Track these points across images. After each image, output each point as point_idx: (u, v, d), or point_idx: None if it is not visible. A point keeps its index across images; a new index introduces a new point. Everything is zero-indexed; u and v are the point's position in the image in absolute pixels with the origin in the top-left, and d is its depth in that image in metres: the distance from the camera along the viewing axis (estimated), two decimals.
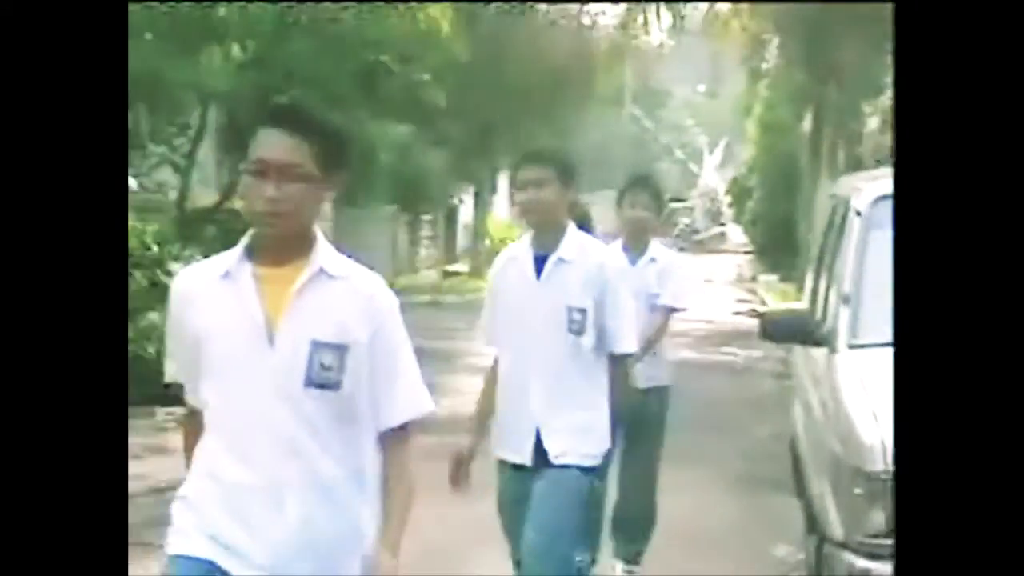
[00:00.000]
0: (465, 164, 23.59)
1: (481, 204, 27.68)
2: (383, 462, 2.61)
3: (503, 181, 30.24)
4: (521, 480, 4.10)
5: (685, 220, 41.86)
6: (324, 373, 2.51)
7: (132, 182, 11.91)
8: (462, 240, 29.07)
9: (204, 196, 12.80)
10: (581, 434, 4.07)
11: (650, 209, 5.58)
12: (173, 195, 12.65)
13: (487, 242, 26.56)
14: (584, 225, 4.52)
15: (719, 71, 41.25)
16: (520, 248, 4.22)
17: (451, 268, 26.11)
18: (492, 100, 20.72)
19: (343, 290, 2.56)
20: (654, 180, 5.89)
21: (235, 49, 11.50)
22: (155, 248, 10.97)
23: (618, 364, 4.18)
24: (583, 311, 4.01)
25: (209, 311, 2.54)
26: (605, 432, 4.15)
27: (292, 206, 2.49)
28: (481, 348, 4.48)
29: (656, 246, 5.65)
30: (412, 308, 11.28)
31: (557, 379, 4.05)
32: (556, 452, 4.03)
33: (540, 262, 4.08)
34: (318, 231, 2.62)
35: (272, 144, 2.50)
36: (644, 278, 5.46)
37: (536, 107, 22.51)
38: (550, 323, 4.04)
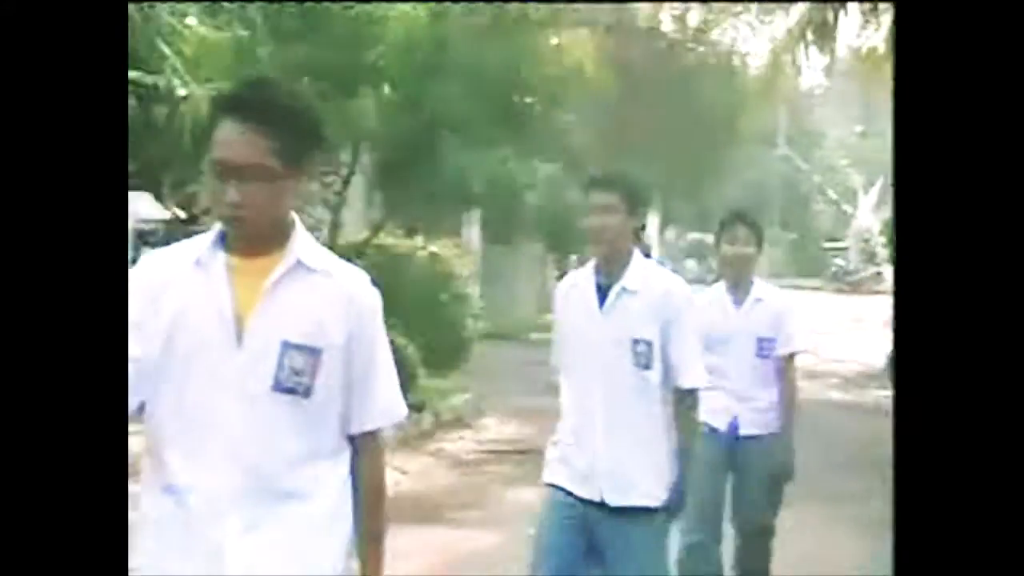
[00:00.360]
0: None
1: None
2: (353, 466, 2.41)
3: (651, 221, 30.07)
4: (574, 510, 3.90)
5: (839, 261, 41.07)
6: (294, 377, 2.29)
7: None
8: None
9: (354, 231, 13.09)
10: (645, 473, 3.88)
11: (750, 244, 5.29)
12: (325, 231, 12.94)
13: None
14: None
15: (873, 111, 40.21)
16: (583, 275, 4.04)
17: None
18: (640, 138, 20.59)
19: (321, 286, 2.34)
20: (751, 214, 5.64)
21: (386, 90, 11.71)
22: None
23: (683, 399, 3.98)
24: (649, 343, 3.81)
25: (177, 302, 2.30)
26: (667, 471, 3.94)
27: (255, 209, 2.27)
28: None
29: (761, 285, 5.37)
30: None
31: (622, 414, 3.85)
32: (619, 491, 3.84)
33: (603, 291, 3.90)
34: (296, 220, 2.38)
35: (229, 143, 2.27)
36: (751, 320, 5.18)
37: (685, 147, 22.33)
38: (614, 356, 3.85)
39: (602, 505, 3.86)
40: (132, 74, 9.70)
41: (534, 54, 12.80)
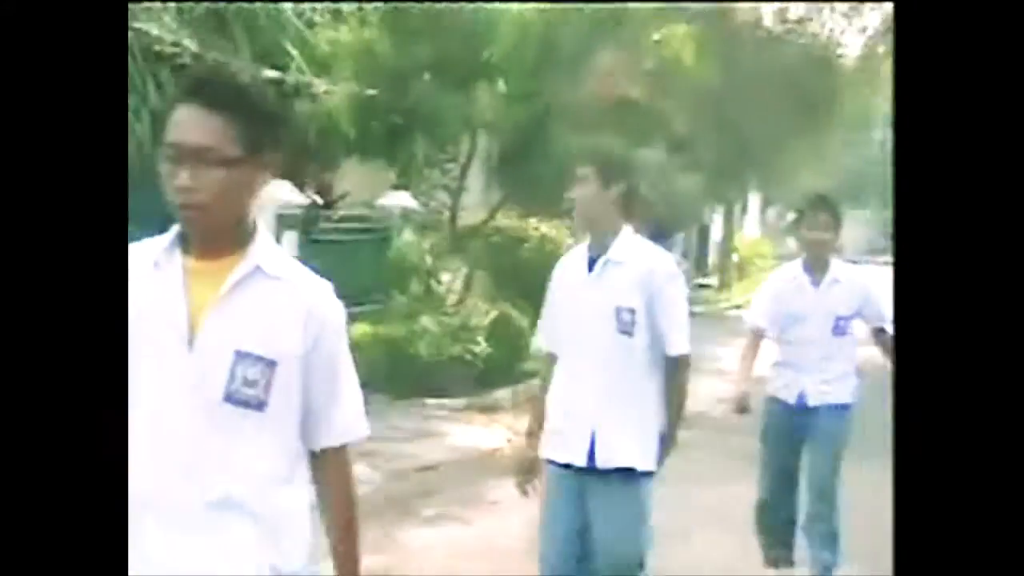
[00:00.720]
0: (716, 186, 23.94)
1: (730, 222, 28.06)
2: (318, 485, 2.27)
3: (752, 201, 30.35)
4: (570, 479, 3.92)
5: None
6: (246, 389, 2.10)
7: (414, 202, 13.12)
8: (712, 256, 29.40)
9: (473, 215, 13.79)
10: (635, 436, 3.88)
11: (829, 229, 5.41)
12: (447, 214, 13.77)
13: (735, 257, 27.10)
14: (662, 231, 4.40)
15: None
16: (578, 249, 4.07)
17: (702, 281, 26.63)
18: (742, 125, 21.01)
19: (280, 293, 2.15)
20: (831, 200, 5.70)
21: (501, 84, 12.39)
22: (429, 260, 12.05)
23: (673, 366, 3.96)
24: (632, 311, 3.82)
25: (133, 305, 2.11)
26: (655, 439, 3.94)
27: (209, 195, 2.08)
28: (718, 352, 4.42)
29: (837, 265, 5.48)
30: None
31: (609, 379, 3.87)
32: (609, 454, 3.85)
33: (592, 263, 3.91)
34: (259, 223, 2.22)
35: (186, 124, 2.09)
36: (828, 299, 5.35)
37: (785, 131, 22.61)
38: (599, 322, 3.86)
39: (591, 469, 3.86)
40: (271, 73, 10.52)
41: (636, 48, 13.44)
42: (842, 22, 23.23)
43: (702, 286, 25.95)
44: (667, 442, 4.01)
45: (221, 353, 2.11)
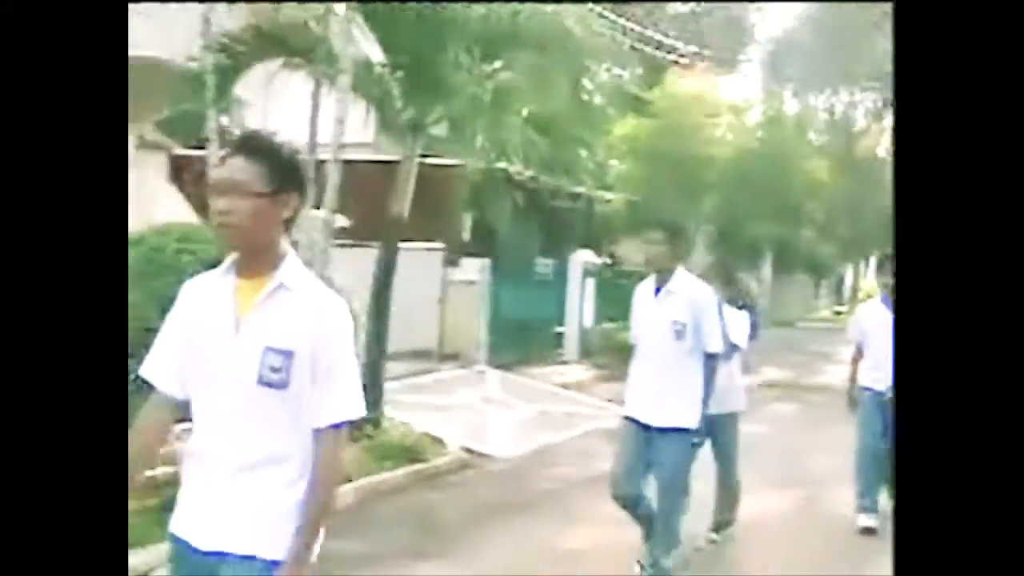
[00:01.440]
0: (846, 251, 35.03)
1: (856, 271, 40.63)
2: (314, 461, 2.69)
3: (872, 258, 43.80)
4: (640, 432, 5.65)
5: None
6: (272, 374, 2.64)
7: None
8: (846, 292, 44.78)
9: None
10: (684, 406, 5.56)
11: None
12: None
13: (859, 294, 39.37)
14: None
15: None
16: (648, 282, 5.76)
17: (838, 309, 41.48)
18: (865, 214, 31.80)
19: (296, 303, 2.69)
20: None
21: None
22: None
23: (710, 359, 5.64)
24: (684, 324, 5.52)
25: (201, 312, 2.74)
26: (699, 407, 5.58)
27: (239, 219, 2.63)
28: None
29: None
30: (813, 332, 24.99)
31: (668, 367, 5.57)
32: (668, 416, 5.53)
33: (658, 291, 5.64)
34: (289, 250, 2.75)
35: (228, 166, 2.68)
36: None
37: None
38: (661, 330, 5.57)
39: (649, 427, 5.59)
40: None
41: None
42: None
43: (838, 313, 36.84)
44: (704, 408, 5.65)
45: (255, 348, 2.66)
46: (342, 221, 10.12)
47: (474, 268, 15.76)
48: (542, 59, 9.78)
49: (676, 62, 27.69)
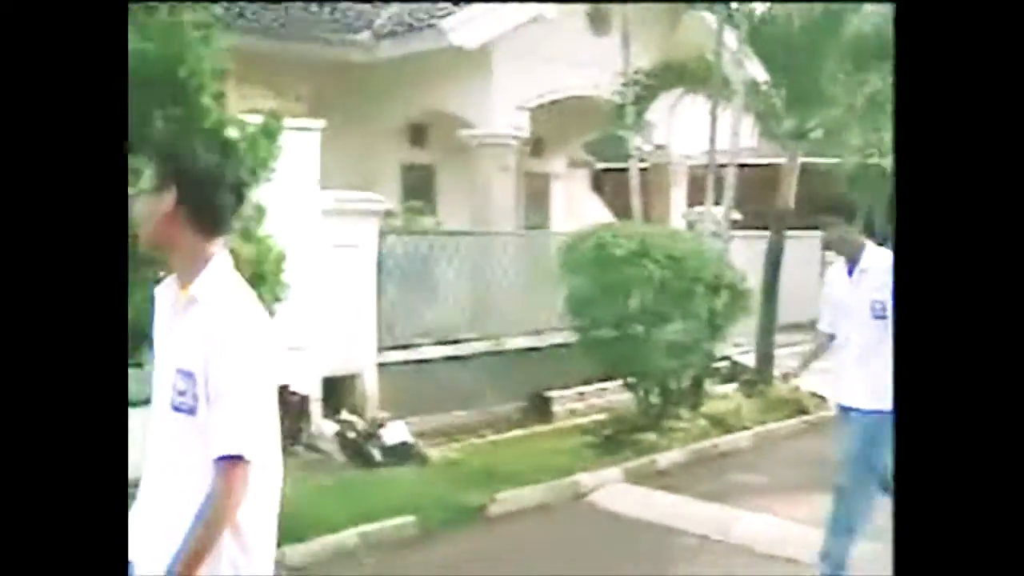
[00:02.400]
0: None
1: None
2: (207, 490, 2.32)
3: None
4: (850, 417, 5.21)
5: None
6: (180, 398, 2.34)
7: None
8: None
9: None
10: (884, 385, 4.58)
11: None
12: None
13: None
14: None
15: None
16: (840, 263, 5.41)
17: None
18: None
19: (199, 316, 2.37)
20: None
21: None
22: None
23: None
24: (883, 302, 5.03)
25: (154, 324, 2.53)
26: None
27: (136, 220, 2.41)
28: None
29: None
30: None
31: (870, 349, 5.08)
32: (872, 399, 4.99)
33: (850, 271, 5.28)
34: (214, 256, 2.43)
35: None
36: None
37: None
38: (859, 310, 5.17)
39: (857, 409, 5.15)
40: None
41: None
42: None
43: None
44: None
45: (167, 368, 2.39)
46: (737, 215, 11.53)
47: None
48: None
49: None
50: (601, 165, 16.39)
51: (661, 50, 12.45)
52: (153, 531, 2.39)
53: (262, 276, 6.08)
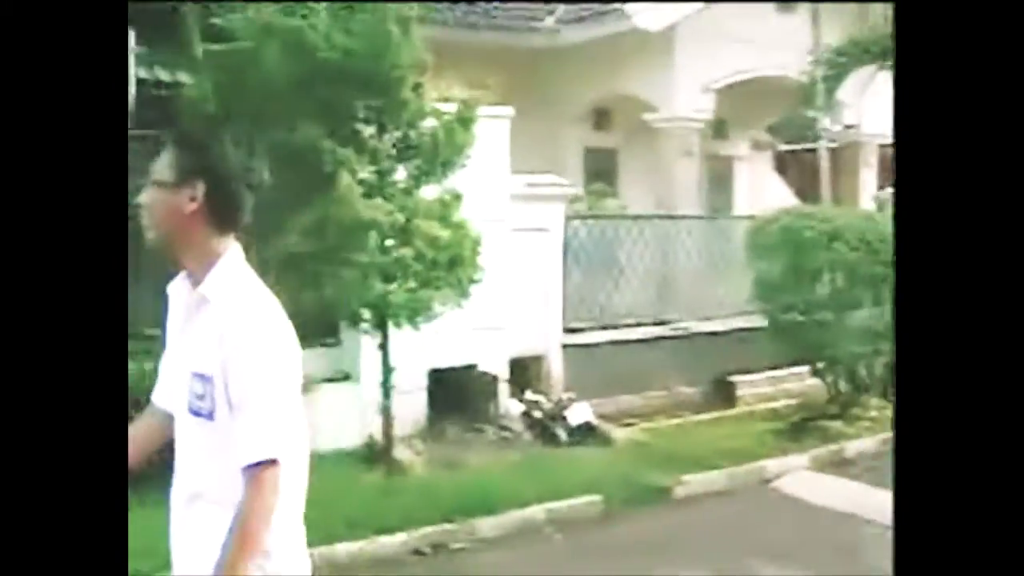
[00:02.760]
0: None
1: None
2: (239, 502, 2.21)
3: None
4: None
5: None
6: (198, 402, 2.24)
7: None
8: None
9: None
10: None
11: None
12: None
13: None
14: None
15: None
16: None
17: None
18: None
19: (212, 317, 2.25)
20: None
21: None
22: None
23: None
24: None
25: (167, 323, 2.42)
26: None
27: (147, 214, 2.29)
28: None
29: None
30: None
31: None
32: None
33: None
34: (224, 253, 2.31)
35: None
36: None
37: None
38: None
39: None
40: None
41: None
42: None
43: None
44: None
45: (184, 372, 2.28)
46: None
47: None
48: None
49: None
50: (785, 147, 16.05)
51: (853, 26, 12.00)
52: (189, 543, 2.33)
53: (459, 259, 6.26)
